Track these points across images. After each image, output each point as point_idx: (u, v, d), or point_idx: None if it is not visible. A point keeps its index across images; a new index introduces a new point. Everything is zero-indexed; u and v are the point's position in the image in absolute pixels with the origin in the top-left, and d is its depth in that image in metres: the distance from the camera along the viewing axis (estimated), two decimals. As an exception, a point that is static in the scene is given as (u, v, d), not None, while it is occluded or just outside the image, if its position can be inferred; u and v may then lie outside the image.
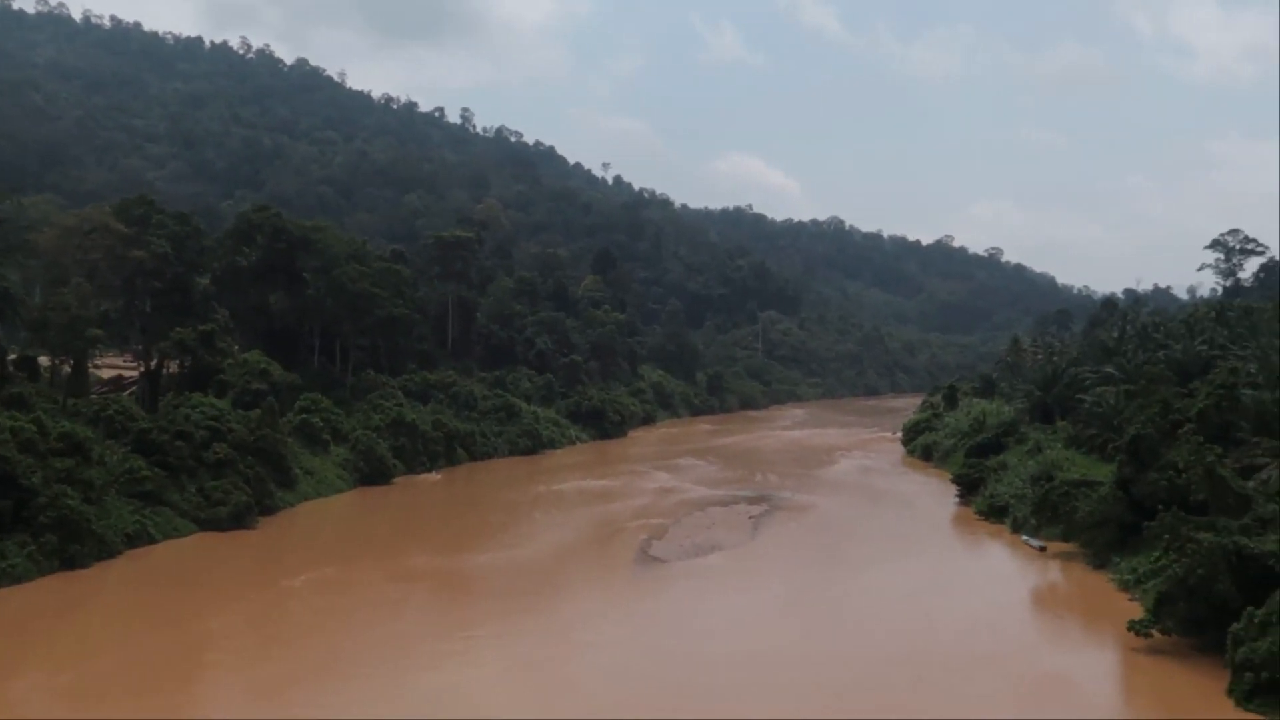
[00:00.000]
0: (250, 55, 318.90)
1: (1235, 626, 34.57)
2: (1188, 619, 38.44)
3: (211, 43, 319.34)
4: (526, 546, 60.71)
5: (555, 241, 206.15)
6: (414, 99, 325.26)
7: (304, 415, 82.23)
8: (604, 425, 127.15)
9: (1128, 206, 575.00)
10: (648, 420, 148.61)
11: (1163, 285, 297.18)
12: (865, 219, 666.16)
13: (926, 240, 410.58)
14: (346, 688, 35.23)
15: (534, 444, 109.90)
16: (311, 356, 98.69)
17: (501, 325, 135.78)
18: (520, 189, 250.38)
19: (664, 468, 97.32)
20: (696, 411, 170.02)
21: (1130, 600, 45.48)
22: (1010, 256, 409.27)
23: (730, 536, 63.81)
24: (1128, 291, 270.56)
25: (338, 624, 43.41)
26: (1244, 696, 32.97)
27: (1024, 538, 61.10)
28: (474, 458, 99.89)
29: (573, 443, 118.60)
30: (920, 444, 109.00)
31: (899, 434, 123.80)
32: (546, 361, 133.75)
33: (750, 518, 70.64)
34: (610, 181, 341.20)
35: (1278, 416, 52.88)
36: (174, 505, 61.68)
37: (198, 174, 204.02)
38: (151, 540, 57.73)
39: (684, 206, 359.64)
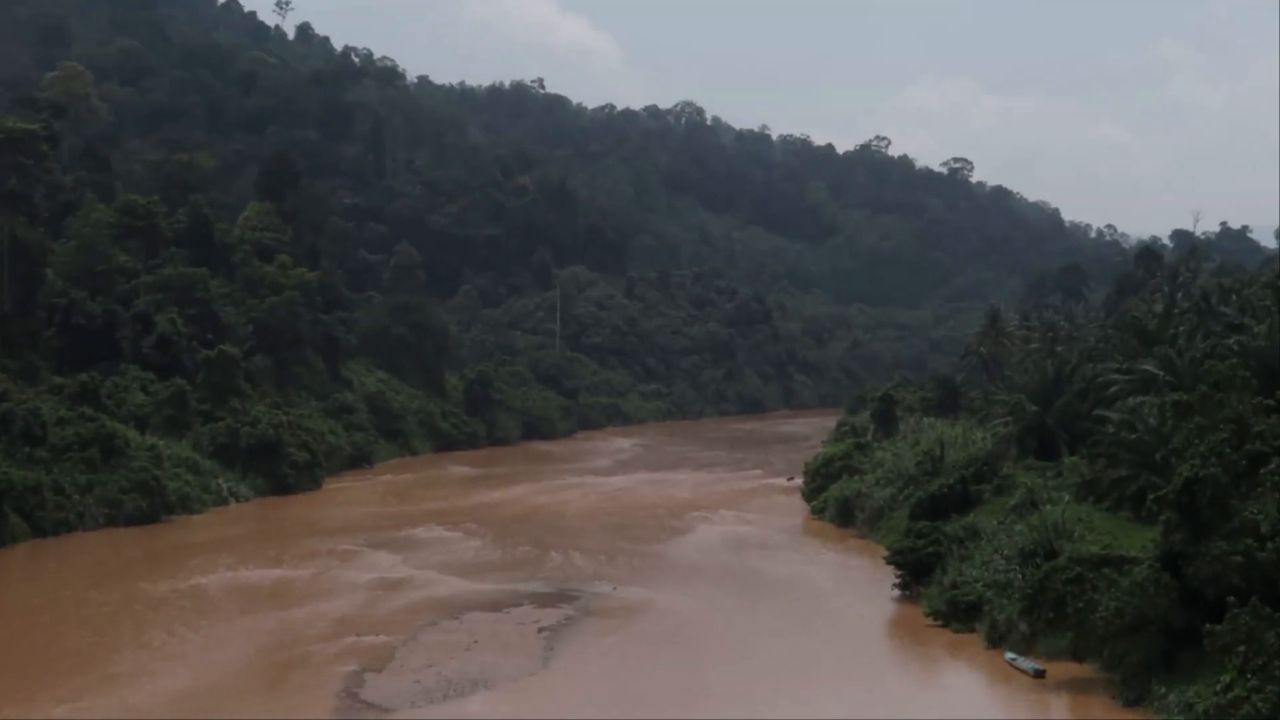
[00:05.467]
0: None
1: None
2: (1277, 787, 39.93)
3: None
4: (133, 691, 59.06)
5: (192, 140, 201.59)
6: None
7: None
8: (280, 471, 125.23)
9: (1166, 93, 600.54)
10: (360, 460, 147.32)
11: (1235, 225, 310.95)
12: (738, 108, 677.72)
13: (844, 146, 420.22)
14: None
15: (153, 505, 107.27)
16: None
17: (93, 290, 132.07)
18: (127, 44, 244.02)
19: (388, 544, 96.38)
20: (447, 444, 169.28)
21: (1184, 760, 47.05)
22: (983, 174, 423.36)
23: (505, 663, 63.47)
24: (1178, 235, 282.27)
25: None
26: None
27: (1009, 656, 62.48)
28: (42, 531, 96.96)
29: (225, 502, 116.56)
30: (834, 497, 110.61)
31: (797, 480, 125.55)
32: (176, 356, 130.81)
33: (541, 630, 70.39)
34: (292, 35, 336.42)
35: None
36: None
37: None
38: None
39: (423, 81, 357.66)
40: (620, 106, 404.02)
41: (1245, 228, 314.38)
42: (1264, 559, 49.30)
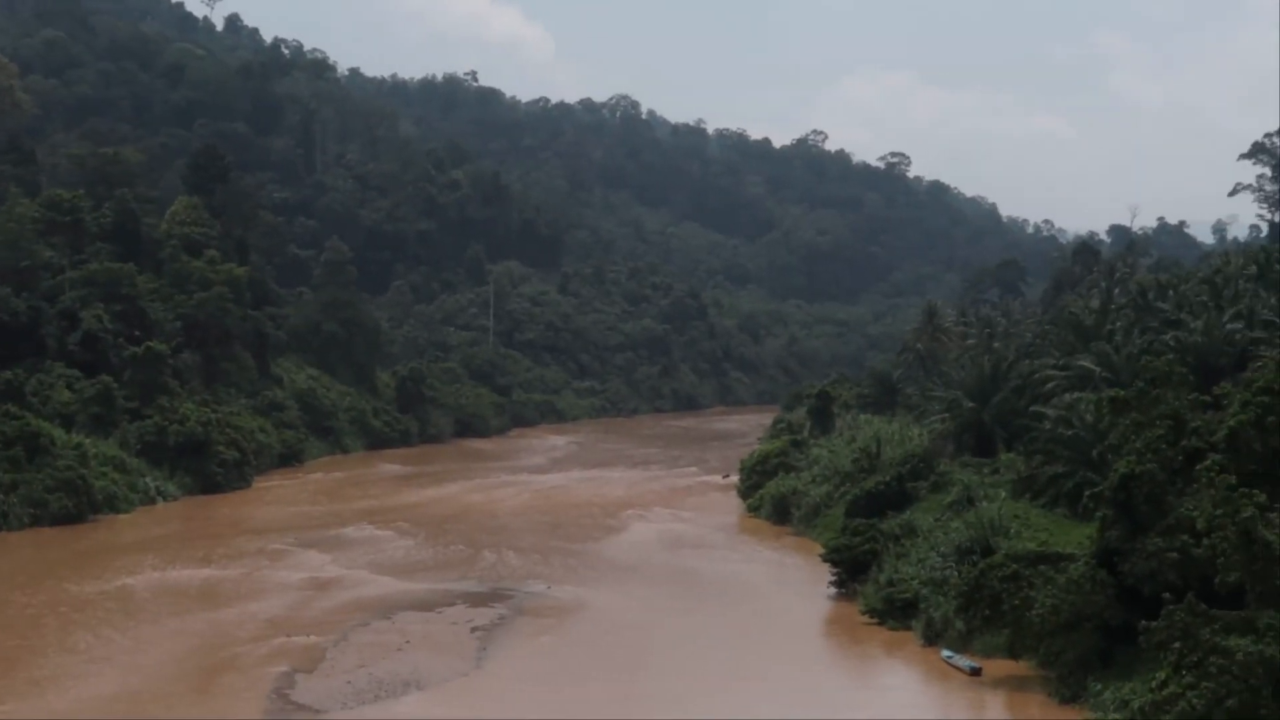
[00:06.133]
0: None
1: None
2: (1213, 783, 40.30)
3: None
4: (58, 695, 58.80)
5: (118, 133, 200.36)
6: None
7: None
8: (208, 469, 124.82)
9: (1104, 87, 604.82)
10: (290, 458, 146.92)
11: (1172, 220, 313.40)
12: (674, 102, 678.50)
13: (781, 140, 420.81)
14: None
15: (79, 504, 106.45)
16: None
17: (16, 285, 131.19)
18: (51, 35, 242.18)
19: (319, 543, 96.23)
20: (379, 442, 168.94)
21: (1120, 757, 47.42)
22: (921, 169, 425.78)
23: (437, 664, 63.59)
24: (1116, 230, 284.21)
25: None
26: None
27: (945, 654, 62.88)
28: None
29: (152, 501, 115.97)
30: (770, 494, 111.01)
31: (733, 478, 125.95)
32: (102, 353, 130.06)
33: (474, 630, 70.49)
34: (220, 26, 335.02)
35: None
36: None
37: None
38: None
39: (354, 73, 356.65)
40: (554, 100, 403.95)
41: (1182, 223, 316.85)
42: (1199, 555, 49.67)
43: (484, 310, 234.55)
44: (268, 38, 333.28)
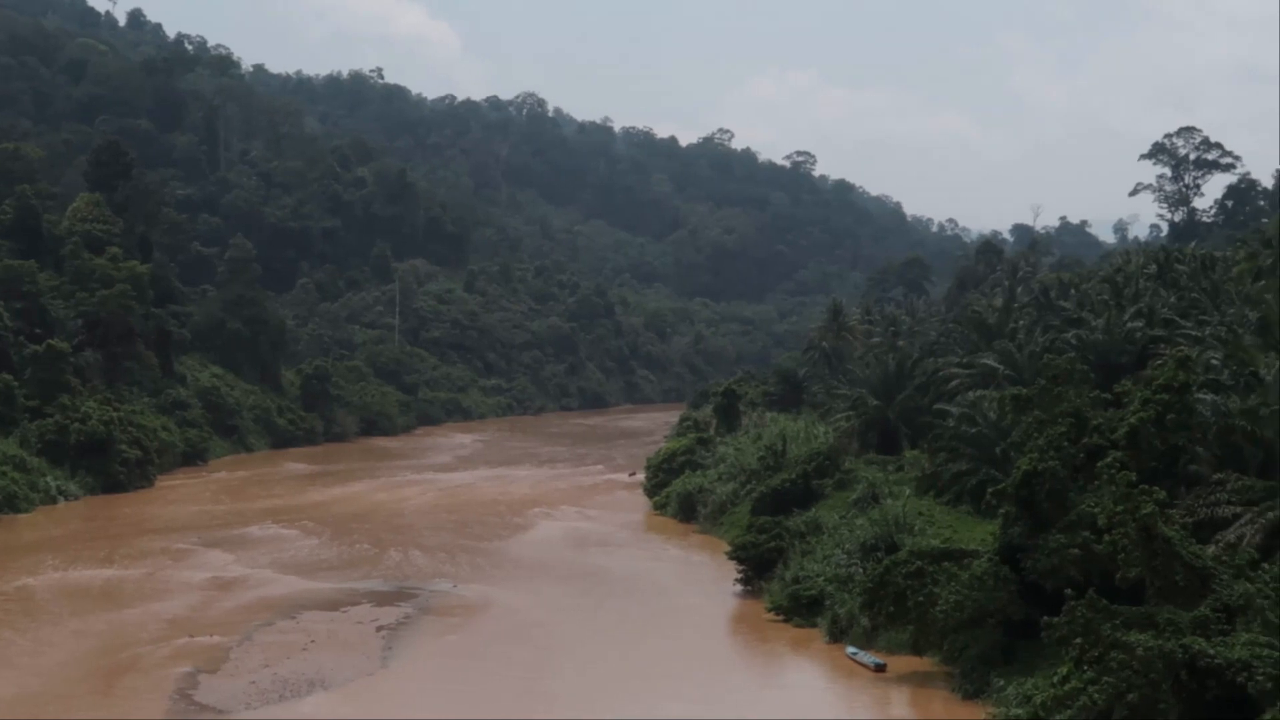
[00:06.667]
0: None
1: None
2: (1114, 778, 40.63)
3: None
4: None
5: (19, 129, 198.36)
6: None
7: None
8: (110, 468, 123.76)
9: (1007, 86, 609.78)
10: (194, 457, 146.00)
11: (1074, 219, 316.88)
12: (580, 100, 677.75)
13: (687, 138, 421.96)
14: None
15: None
16: None
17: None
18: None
19: (222, 542, 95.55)
20: (283, 441, 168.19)
21: (1022, 751, 47.69)
22: (827, 168, 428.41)
23: (343, 663, 63.21)
24: (1019, 229, 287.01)
25: None
26: None
27: (850, 651, 63.09)
28: None
29: (53, 501, 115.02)
30: (676, 492, 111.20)
31: (639, 475, 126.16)
32: (2, 351, 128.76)
33: (379, 629, 70.20)
34: (123, 21, 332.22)
35: (1253, 436, 56.44)
36: None
37: None
38: None
39: (259, 70, 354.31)
40: (461, 97, 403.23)
41: (1084, 222, 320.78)
42: (1101, 551, 50.12)
43: (390, 308, 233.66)
44: (171, 34, 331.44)
